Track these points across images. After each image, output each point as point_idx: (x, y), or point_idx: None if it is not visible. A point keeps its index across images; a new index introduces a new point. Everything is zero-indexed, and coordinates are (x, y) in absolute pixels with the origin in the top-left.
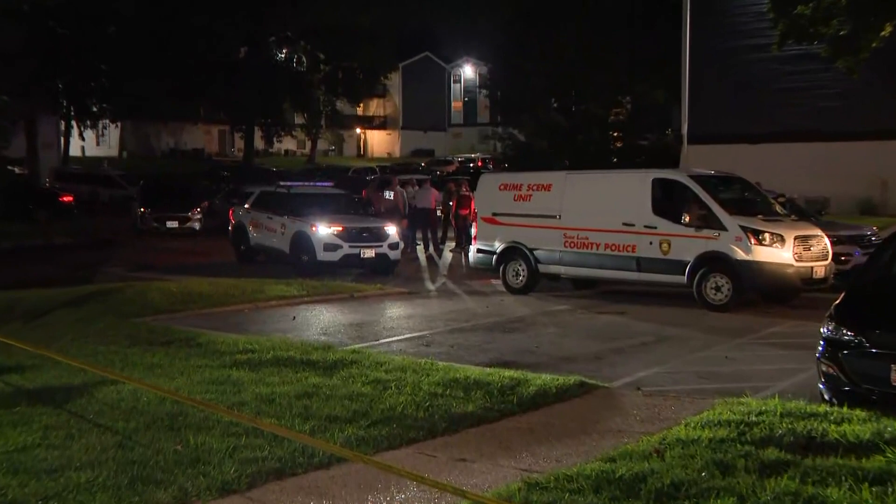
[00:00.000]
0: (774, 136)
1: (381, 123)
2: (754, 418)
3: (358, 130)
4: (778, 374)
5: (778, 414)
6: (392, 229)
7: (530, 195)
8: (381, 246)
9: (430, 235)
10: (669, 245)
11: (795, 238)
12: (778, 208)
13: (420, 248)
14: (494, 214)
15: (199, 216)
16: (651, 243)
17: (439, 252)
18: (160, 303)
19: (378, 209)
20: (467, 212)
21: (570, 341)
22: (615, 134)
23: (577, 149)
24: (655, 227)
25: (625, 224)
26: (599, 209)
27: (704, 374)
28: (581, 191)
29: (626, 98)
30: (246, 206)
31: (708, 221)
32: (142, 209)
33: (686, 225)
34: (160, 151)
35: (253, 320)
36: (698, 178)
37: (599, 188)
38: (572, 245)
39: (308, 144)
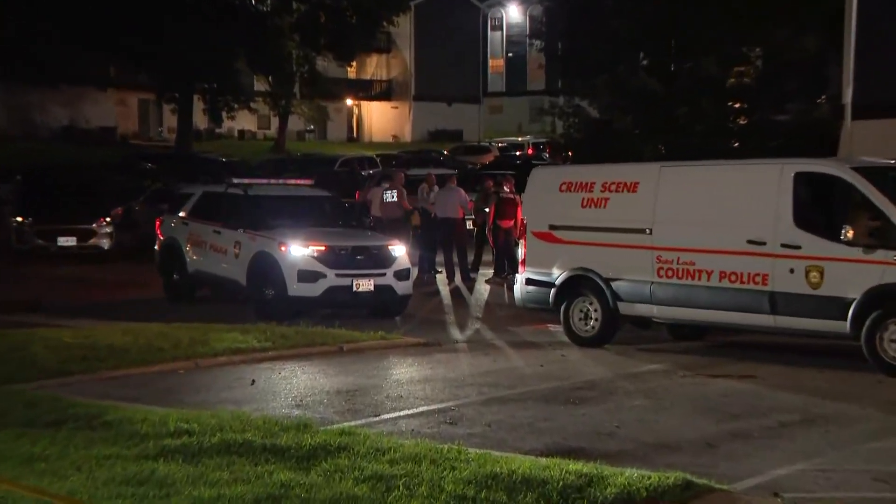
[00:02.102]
0: None
1: (384, 92)
2: None
3: (349, 102)
4: None
5: None
6: (400, 249)
7: (607, 198)
8: (384, 274)
9: (455, 258)
10: (821, 274)
11: None
12: None
13: (441, 277)
14: (552, 228)
15: (108, 229)
16: (792, 271)
17: (470, 283)
18: (48, 361)
19: (380, 219)
20: (512, 223)
21: (669, 419)
22: (737, 105)
23: (679, 128)
24: (799, 247)
25: (751, 242)
26: (712, 219)
27: (883, 475)
28: (684, 192)
29: (754, 51)
30: (181, 214)
31: (884, 238)
32: (19, 219)
33: (848, 243)
34: (48, 131)
35: (191, 386)
36: (868, 172)
37: (712, 188)
38: (670, 273)
39: (275, 122)
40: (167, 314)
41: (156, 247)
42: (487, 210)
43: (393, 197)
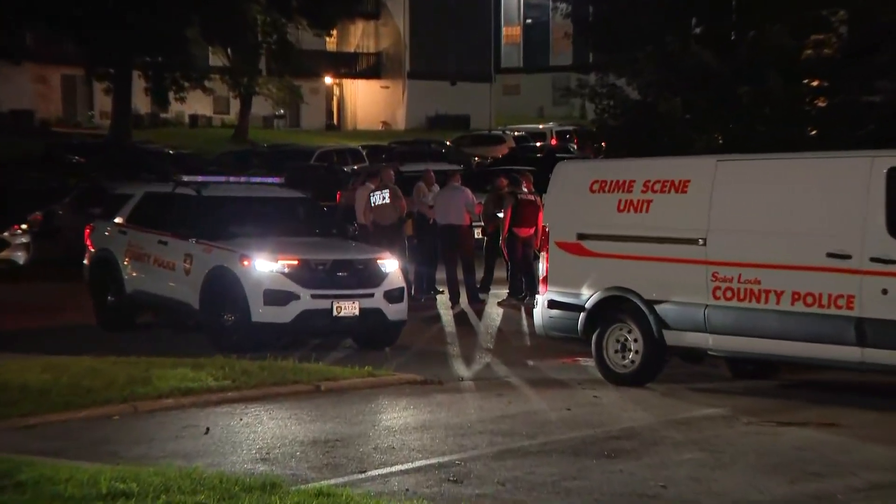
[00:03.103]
0: None
1: (372, 69)
2: None
3: (328, 81)
4: None
5: None
6: (391, 264)
7: (649, 201)
8: (372, 295)
9: (460, 275)
10: None
11: None
12: None
13: (443, 299)
14: (582, 237)
15: (23, 239)
16: (885, 292)
17: (478, 305)
18: None
19: (366, 226)
20: (531, 232)
21: (728, 477)
22: (814, 83)
23: (740, 112)
24: (894, 262)
25: (833, 255)
26: (782, 227)
27: None
28: (746, 192)
29: (836, 14)
30: (118, 220)
31: None
32: None
33: None
34: None
35: (129, 436)
36: None
37: (782, 188)
38: (729, 295)
39: (235, 106)
40: (99, 345)
41: (85, 261)
42: (500, 215)
43: (384, 198)
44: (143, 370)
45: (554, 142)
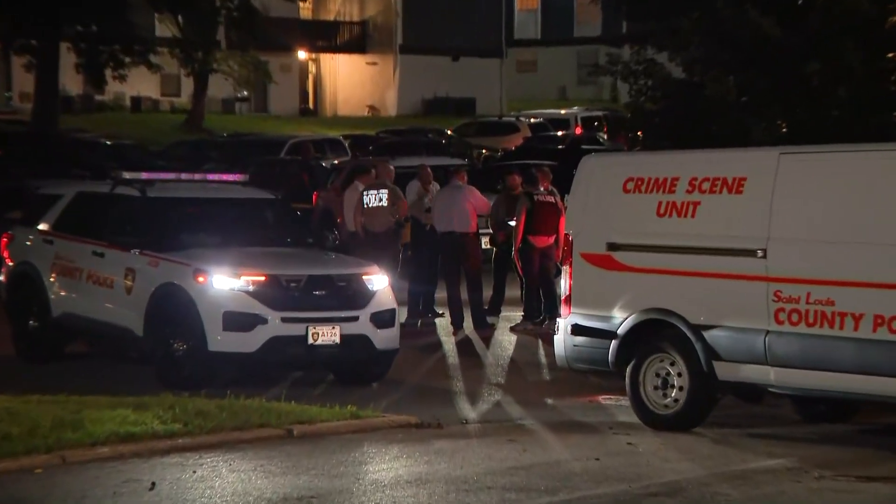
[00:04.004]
0: None
1: (355, 41)
2: None
3: (303, 55)
4: None
5: None
6: (380, 280)
7: (696, 203)
8: (356, 318)
9: (464, 293)
10: None
11: None
12: None
13: (443, 323)
14: (613, 248)
15: None
16: None
17: (486, 331)
18: None
19: (348, 233)
20: (550, 241)
21: None
22: None
23: (809, 93)
24: None
25: None
26: (861, 235)
27: None
28: (816, 192)
29: None
30: (42, 226)
31: None
32: None
33: None
34: None
35: (55, 493)
36: None
37: (861, 187)
38: (796, 318)
39: (188, 86)
40: (18, 381)
41: (1, 277)
42: (513, 222)
43: (381, 200)
44: (73, 411)
45: (579, 130)
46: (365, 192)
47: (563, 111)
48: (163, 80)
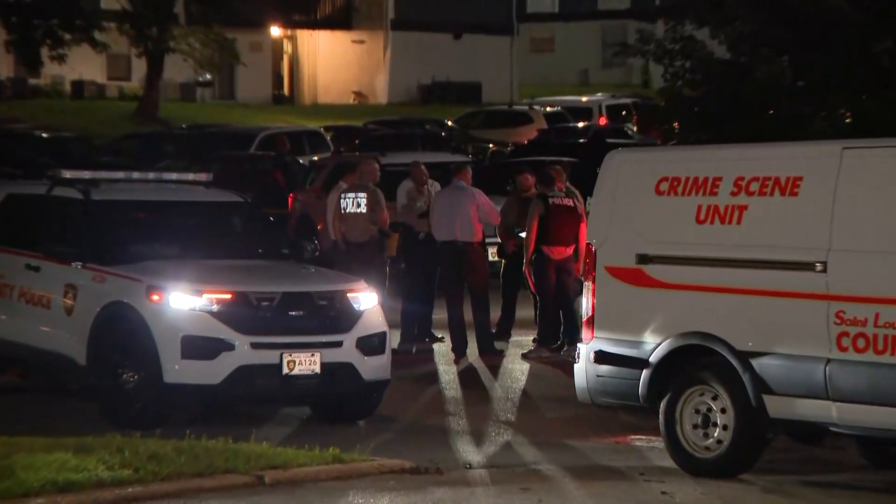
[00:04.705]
0: None
1: (339, 15)
2: None
3: (276, 32)
4: None
5: None
6: (368, 298)
7: (742, 207)
8: (339, 343)
9: (468, 314)
10: None
11: None
12: None
13: (442, 349)
14: (644, 260)
15: None
16: None
17: (494, 358)
18: None
19: (328, 242)
20: (569, 252)
21: None
22: None
23: (878, 77)
24: None
25: None
26: None
27: None
28: (886, 195)
29: None
30: None
31: None
32: None
33: None
34: None
35: None
36: None
37: None
38: (862, 344)
39: (139, 69)
40: None
41: None
42: (521, 231)
43: (358, 205)
44: (1, 456)
45: (603, 121)
46: (343, 196)
47: (584, 98)
48: (110, 61)
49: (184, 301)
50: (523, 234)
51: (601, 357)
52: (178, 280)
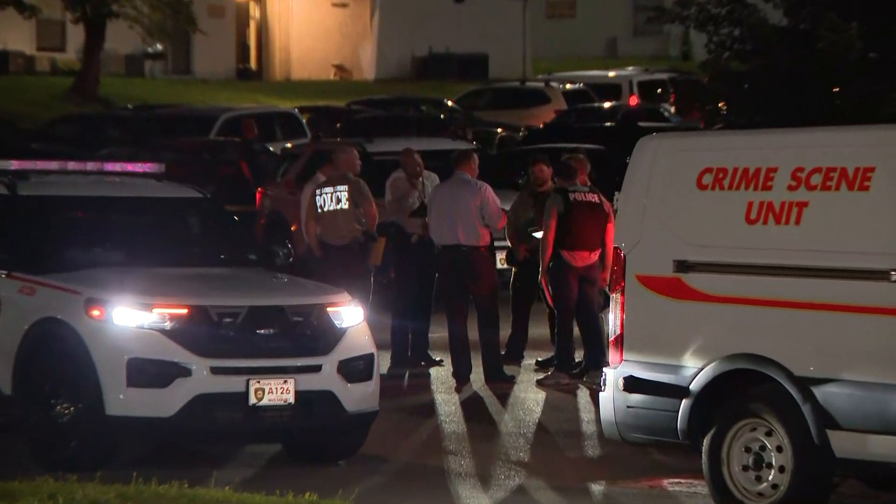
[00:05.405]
0: None
1: None
2: None
3: None
4: None
5: None
6: (352, 313)
7: (802, 203)
8: (317, 368)
9: (472, 332)
10: None
11: None
12: None
13: (440, 374)
14: (683, 267)
15: None
16: None
17: (503, 385)
18: None
19: (304, 246)
20: (594, 258)
21: None
22: None
23: None
24: None
25: None
26: None
27: None
28: None
29: None
30: None
31: None
32: None
33: None
34: None
35: None
36: None
37: None
38: None
39: (76, 37)
40: None
41: None
42: (537, 232)
43: (339, 200)
44: None
45: (634, 100)
46: (319, 190)
47: (612, 73)
48: (40, 28)
49: (130, 317)
50: (539, 235)
51: (632, 384)
52: (124, 292)
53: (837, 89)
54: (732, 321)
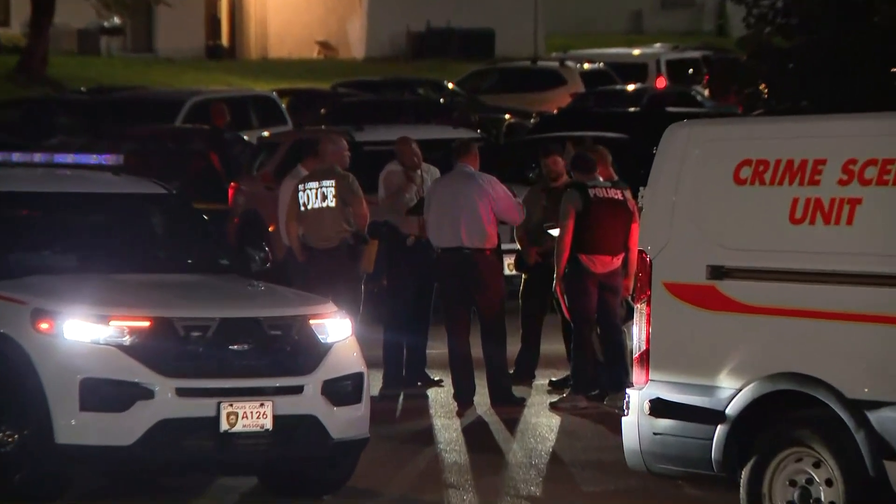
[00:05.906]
0: None
1: None
2: None
3: None
4: None
5: None
6: (339, 326)
7: (855, 201)
8: (298, 389)
9: (475, 348)
10: None
11: None
12: None
13: (440, 396)
14: (718, 273)
15: None
16: None
17: (513, 407)
18: None
19: (283, 250)
20: (616, 262)
21: None
22: None
23: None
24: None
25: None
26: None
27: None
28: None
29: None
30: None
31: None
32: None
33: None
34: None
35: None
36: None
37: None
38: None
39: (22, 10)
40: None
41: None
42: (555, 231)
43: (325, 198)
44: None
45: (661, 83)
46: (301, 186)
47: (636, 52)
48: None
49: (83, 331)
50: (555, 233)
51: (659, 408)
52: (76, 302)
53: (895, 70)
54: (774, 335)
